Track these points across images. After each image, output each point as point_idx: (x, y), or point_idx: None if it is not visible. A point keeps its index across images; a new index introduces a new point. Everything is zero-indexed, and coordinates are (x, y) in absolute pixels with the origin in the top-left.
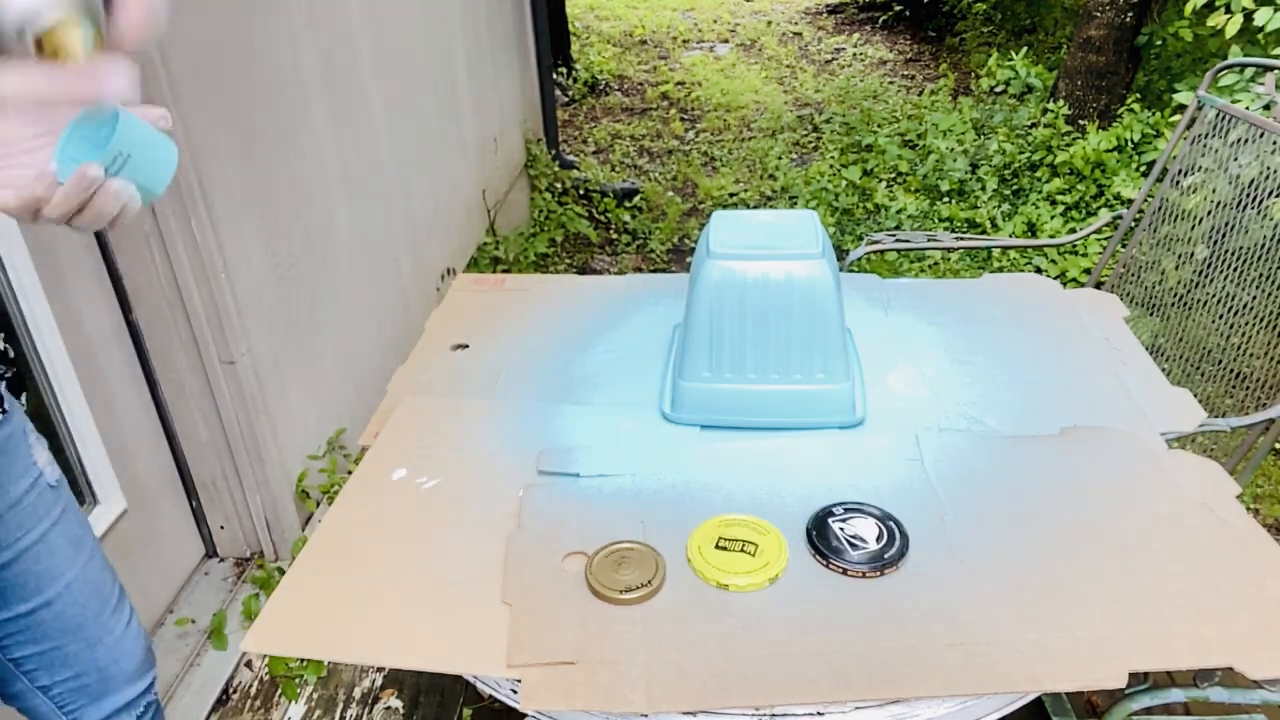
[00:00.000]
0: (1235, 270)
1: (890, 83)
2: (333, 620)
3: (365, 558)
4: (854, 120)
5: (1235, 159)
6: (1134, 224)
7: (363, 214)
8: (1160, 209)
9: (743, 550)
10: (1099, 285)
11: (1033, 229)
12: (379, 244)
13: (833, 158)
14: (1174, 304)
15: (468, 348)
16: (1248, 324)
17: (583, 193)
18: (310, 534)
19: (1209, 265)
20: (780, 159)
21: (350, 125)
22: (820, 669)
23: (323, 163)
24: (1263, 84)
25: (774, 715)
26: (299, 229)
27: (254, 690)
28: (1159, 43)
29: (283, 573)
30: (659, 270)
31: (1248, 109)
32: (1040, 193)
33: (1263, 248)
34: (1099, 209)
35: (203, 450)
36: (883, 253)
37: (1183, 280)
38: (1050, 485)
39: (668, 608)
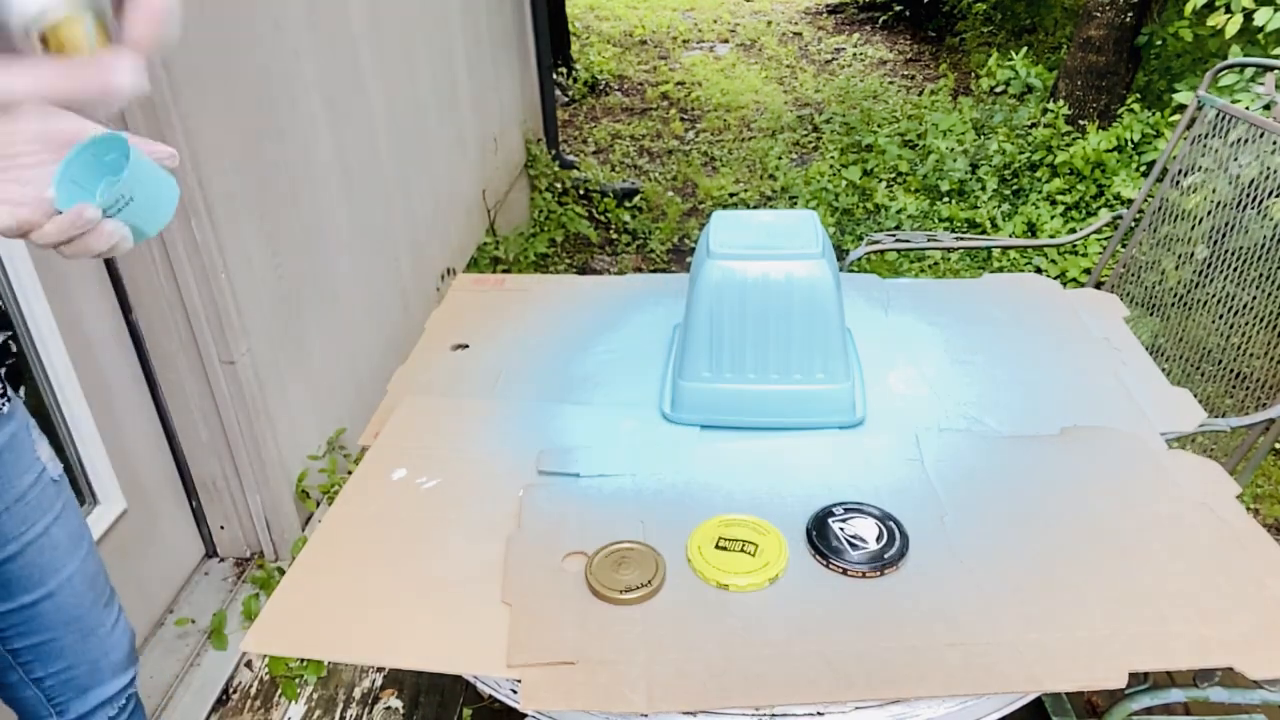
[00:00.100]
0: (1235, 270)
1: (890, 83)
2: (333, 620)
3: (365, 558)
4: (854, 120)
5: (1235, 159)
6: (1134, 224)
7: (363, 214)
8: (1160, 209)
9: (743, 550)
10: (1099, 285)
11: (1033, 229)
12: (379, 244)
13: (833, 158)
14: (1174, 304)
15: (468, 348)
16: (1248, 324)
17: (583, 193)
18: (310, 534)
19: (1209, 265)
20: (780, 159)
21: (350, 125)
22: (820, 669)
23: (323, 163)
24: (1263, 84)
25: (774, 715)
26: (299, 229)
27: (254, 690)
28: (1159, 43)
29: (283, 573)
30: (659, 270)
31: (1248, 109)
32: (1040, 193)
33: (1263, 248)
34: (1099, 209)
35: (203, 450)
36: (883, 253)
37: (1183, 280)
38: (1050, 485)
39: (668, 608)
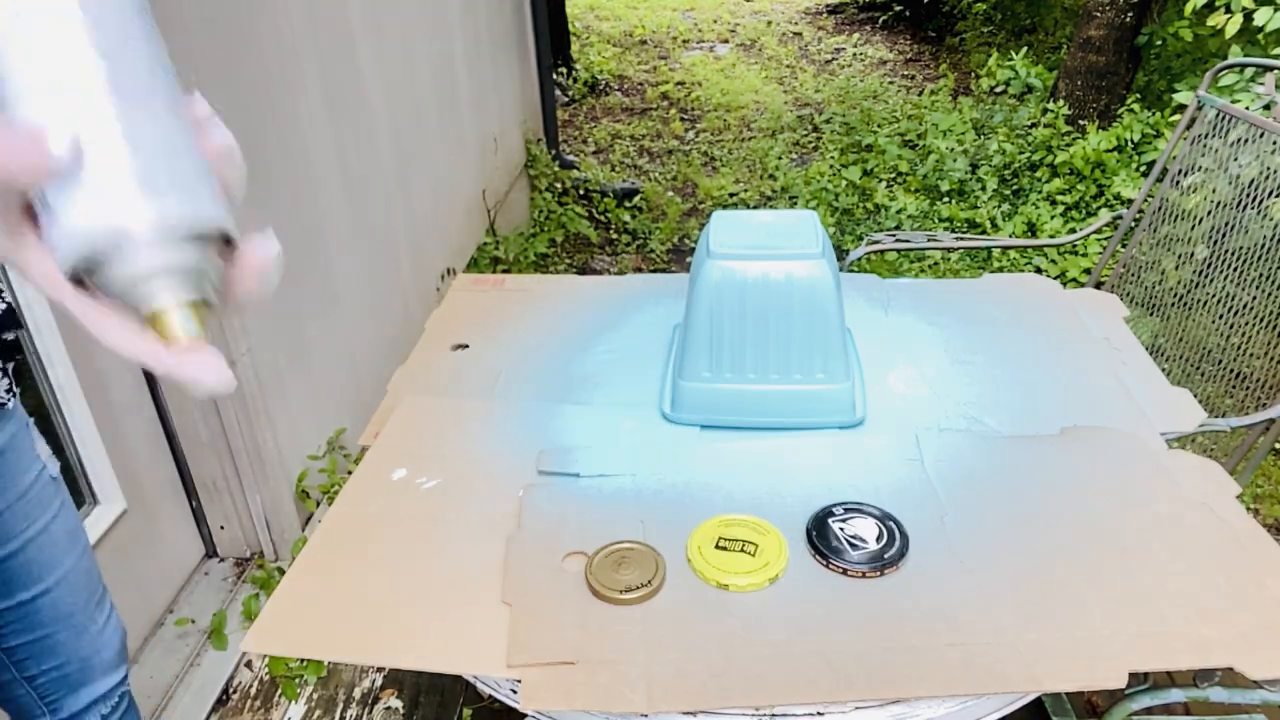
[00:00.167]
0: (1235, 270)
1: (890, 83)
2: (333, 620)
3: (365, 558)
4: (854, 120)
5: (1235, 159)
6: (1134, 224)
7: (363, 214)
8: (1160, 209)
9: (743, 550)
10: (1099, 285)
11: (1033, 229)
12: (379, 244)
13: (833, 158)
14: (1174, 304)
15: (468, 348)
16: (1248, 324)
17: (583, 193)
18: (310, 534)
19: (1209, 265)
20: (780, 159)
21: (350, 125)
22: (820, 669)
23: (322, 163)
24: (1263, 84)
25: (774, 715)
26: (299, 229)
27: (254, 690)
28: (1159, 43)
29: (283, 573)
30: (659, 270)
31: (1248, 109)
32: (1040, 193)
33: (1263, 248)
34: (1099, 209)
35: (203, 450)
36: (883, 253)
37: (1183, 280)
38: (1050, 485)
39: (668, 608)
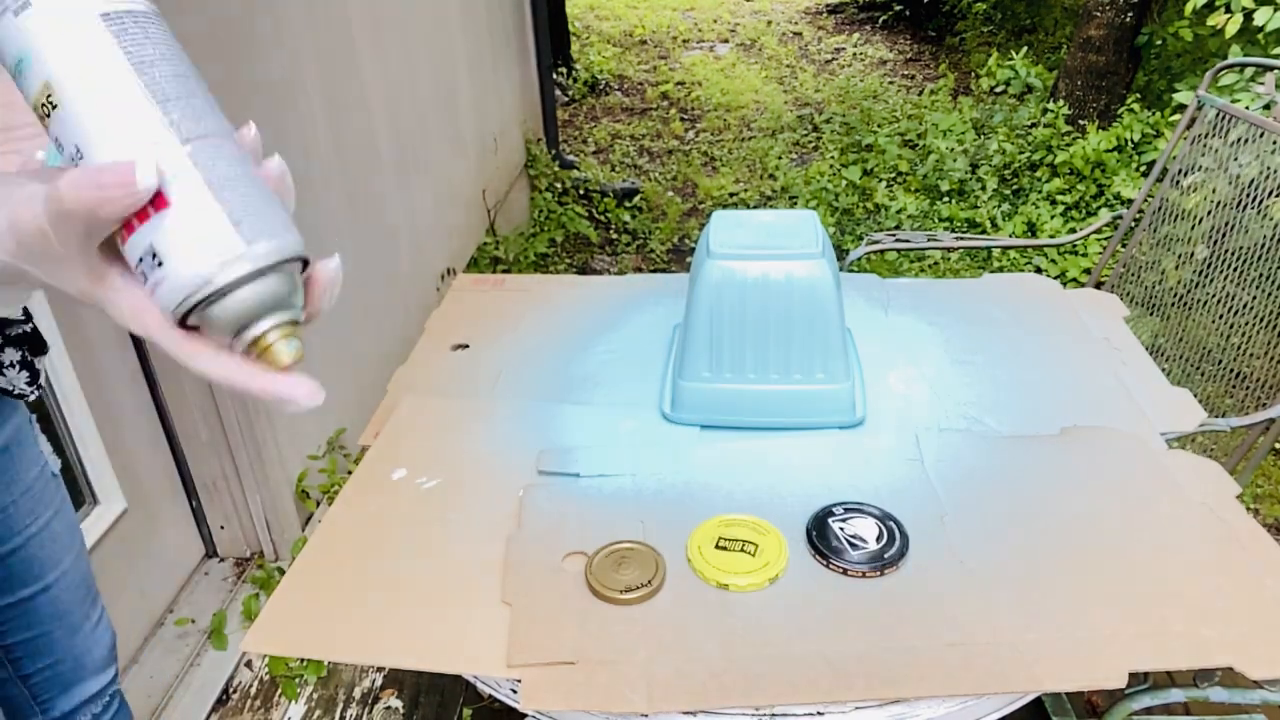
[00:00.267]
0: (1235, 270)
1: (890, 83)
2: (333, 620)
3: (365, 558)
4: (854, 120)
5: (1235, 159)
6: (1134, 224)
7: (363, 214)
8: (1160, 209)
9: (743, 550)
10: (1099, 285)
11: (1033, 229)
12: (379, 244)
13: (833, 158)
14: (1174, 304)
15: (468, 348)
16: (1248, 324)
17: (583, 193)
18: (310, 534)
19: (1209, 265)
20: (780, 159)
21: (350, 125)
22: (820, 669)
23: (322, 162)
24: (1263, 84)
25: (774, 715)
26: (299, 229)
27: (254, 690)
28: (1159, 43)
29: (283, 573)
30: (659, 270)
31: (1248, 109)
32: (1040, 193)
33: (1263, 248)
34: (1099, 209)
35: (203, 450)
36: (883, 253)
37: (1183, 280)
38: (1050, 485)
39: (668, 608)
